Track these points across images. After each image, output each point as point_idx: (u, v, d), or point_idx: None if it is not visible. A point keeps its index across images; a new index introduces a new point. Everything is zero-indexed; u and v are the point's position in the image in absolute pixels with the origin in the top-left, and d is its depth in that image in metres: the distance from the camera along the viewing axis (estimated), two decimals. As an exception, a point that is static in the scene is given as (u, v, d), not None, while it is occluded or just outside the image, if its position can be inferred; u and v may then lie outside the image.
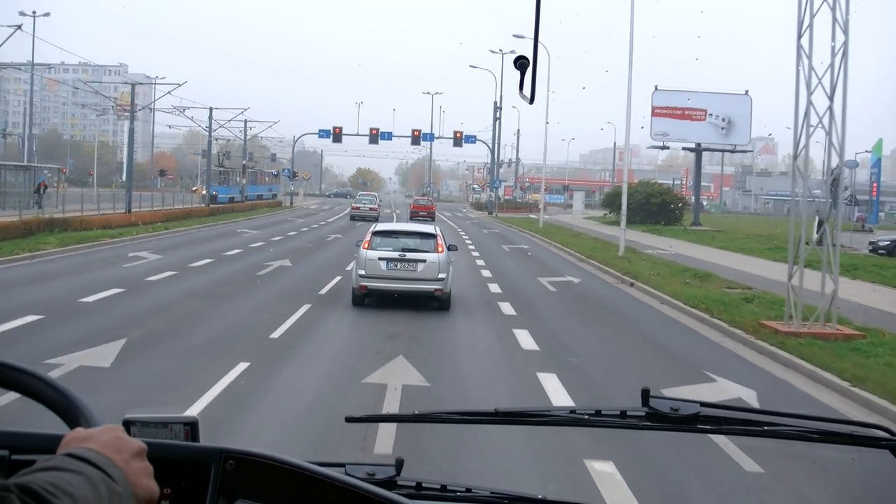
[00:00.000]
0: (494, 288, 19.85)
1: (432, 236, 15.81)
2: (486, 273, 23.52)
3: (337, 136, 70.05)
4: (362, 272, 15.04)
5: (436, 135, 73.09)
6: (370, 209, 51.24)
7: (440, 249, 15.39)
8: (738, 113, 54.12)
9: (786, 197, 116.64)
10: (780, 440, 1.90)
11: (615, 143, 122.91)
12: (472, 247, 33.74)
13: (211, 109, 63.63)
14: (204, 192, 56.83)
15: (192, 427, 1.62)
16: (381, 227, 16.93)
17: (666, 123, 53.45)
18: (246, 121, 75.06)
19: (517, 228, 50.80)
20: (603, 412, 1.84)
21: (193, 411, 7.38)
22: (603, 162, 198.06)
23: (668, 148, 54.07)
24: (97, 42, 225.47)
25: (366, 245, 15.45)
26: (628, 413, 1.81)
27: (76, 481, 1.05)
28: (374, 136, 70.11)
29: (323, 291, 17.54)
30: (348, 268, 19.65)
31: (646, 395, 1.79)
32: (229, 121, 65.38)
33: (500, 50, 71.90)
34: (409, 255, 15.16)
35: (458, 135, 70.12)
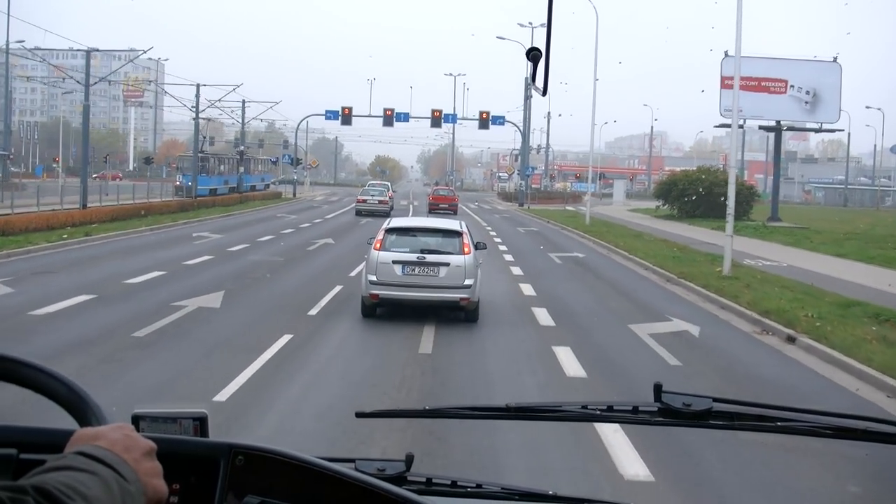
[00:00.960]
0: (566, 355, 10.82)
1: (457, 234, 13.42)
2: (541, 313, 14.26)
3: (346, 117, 60.69)
4: (373, 277, 12.82)
5: (459, 116, 63.51)
6: (380, 202, 41.93)
7: (467, 250, 13.07)
8: (826, 84, 43.91)
9: (837, 186, 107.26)
10: (793, 436, 1.83)
11: (651, 129, 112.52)
12: (509, 258, 24.28)
13: (198, 86, 54.62)
14: (178, 182, 47.79)
15: (201, 422, 1.59)
16: (396, 222, 14.40)
17: (739, 97, 43.48)
18: (244, 101, 66.01)
19: (558, 225, 41.42)
20: (615, 407, 1.81)
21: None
22: (629, 149, 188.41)
23: (741, 127, 44.25)
24: (106, 32, 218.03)
25: (378, 245, 13.14)
26: (640, 408, 1.77)
27: (89, 481, 1.05)
28: (389, 118, 60.69)
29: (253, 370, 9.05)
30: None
31: (658, 390, 1.74)
32: (219, 99, 56.41)
33: (530, 23, 62.68)
34: (430, 258, 12.91)
35: (485, 116, 60.59)
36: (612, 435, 6.96)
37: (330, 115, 61.15)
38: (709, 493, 6.37)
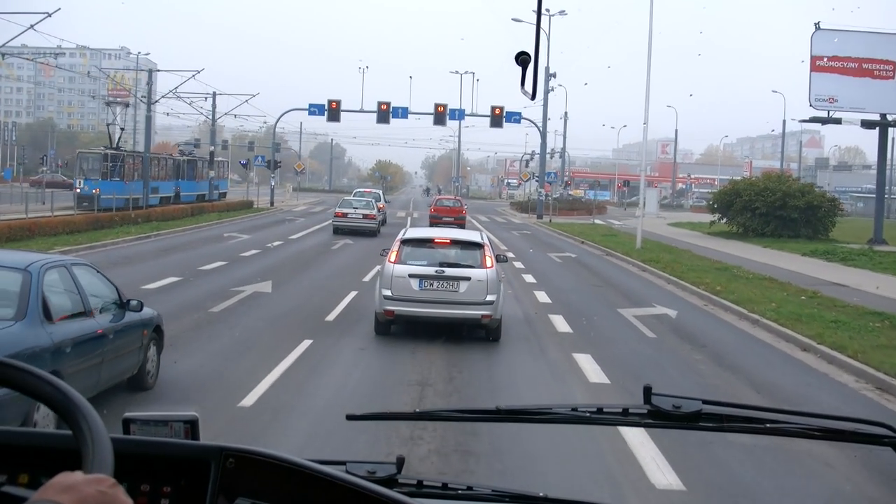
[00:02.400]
0: None
1: (478, 246, 12.24)
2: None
3: (333, 112, 50.53)
4: (388, 293, 11.68)
5: (466, 112, 53.19)
6: (364, 217, 31.48)
7: (489, 263, 11.94)
8: (940, 68, 33.73)
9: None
10: (783, 437, 1.84)
11: (676, 131, 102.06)
12: (559, 321, 14.03)
13: (151, 72, 44.68)
14: (79, 189, 37.15)
15: (192, 425, 1.59)
16: (412, 233, 13.10)
17: (833, 83, 33.12)
18: (214, 94, 56.08)
19: (598, 247, 31.23)
20: (605, 409, 1.80)
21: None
22: (638, 156, 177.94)
23: (837, 122, 33.91)
24: (101, 30, 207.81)
25: (393, 258, 11.97)
26: (630, 410, 1.76)
27: None
28: (385, 114, 50.54)
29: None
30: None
31: (647, 392, 1.73)
32: (176, 88, 46.57)
33: (548, 11, 52.60)
34: (449, 271, 11.79)
35: (498, 111, 50.40)
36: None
37: (314, 109, 50.97)
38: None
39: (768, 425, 1.76)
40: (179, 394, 8.46)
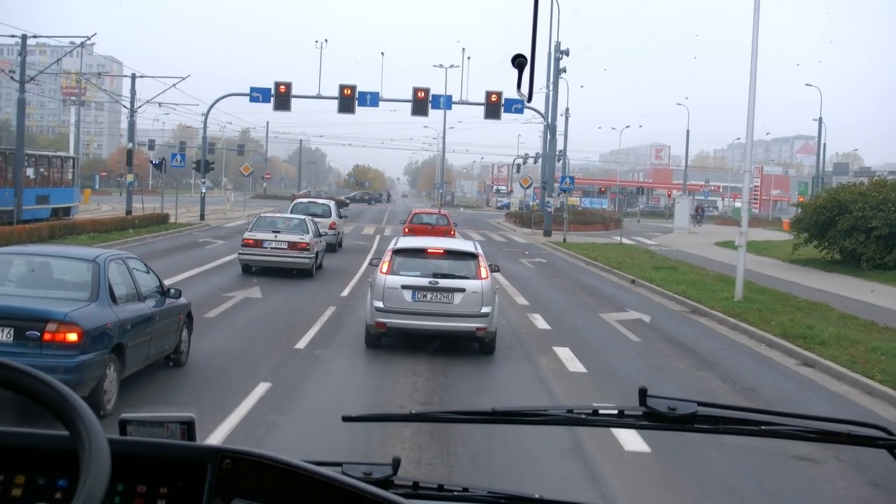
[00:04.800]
0: None
1: (472, 256, 11.84)
2: None
3: (282, 97, 38.23)
4: (380, 304, 11.16)
5: (454, 98, 40.94)
6: (291, 246, 18.76)
7: (483, 274, 11.52)
8: None
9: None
10: (778, 439, 1.82)
11: (687, 132, 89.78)
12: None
13: (24, 37, 32.31)
14: None
15: (188, 426, 1.57)
16: (404, 242, 12.54)
17: None
18: (134, 76, 43.51)
19: (666, 292, 19.24)
20: (600, 411, 1.78)
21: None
22: (626, 162, 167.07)
23: None
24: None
25: (385, 268, 11.48)
26: (626, 412, 1.74)
27: None
28: (348, 100, 38.32)
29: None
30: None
31: (643, 394, 1.70)
32: (59, 60, 34.53)
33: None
34: (443, 282, 11.32)
35: (495, 98, 38.36)
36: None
37: (257, 94, 38.68)
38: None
39: (763, 427, 1.73)
40: None
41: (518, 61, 2.59)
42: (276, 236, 18.82)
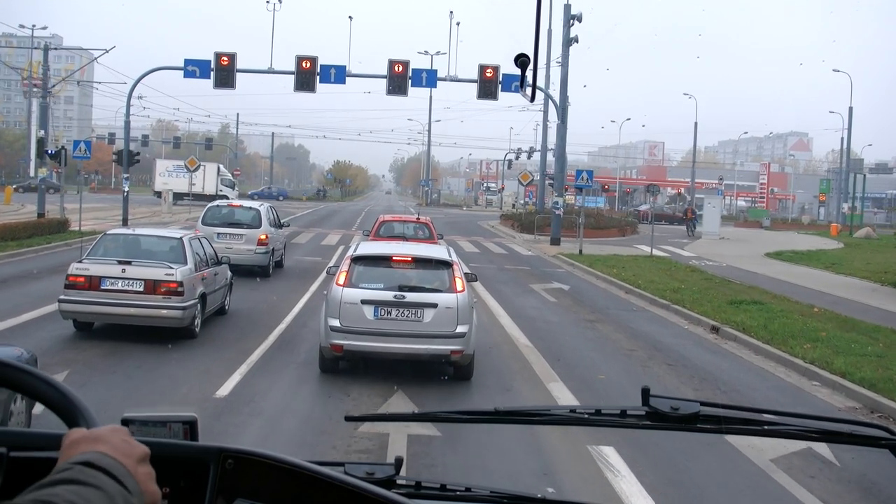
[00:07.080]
0: None
1: (446, 265, 9.78)
2: None
3: (224, 71, 29.96)
4: (335, 323, 9.24)
5: (441, 74, 32.77)
6: (156, 289, 10.55)
7: (458, 286, 9.50)
8: None
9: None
10: (780, 439, 1.75)
11: (696, 125, 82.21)
12: None
13: None
14: None
15: (190, 426, 1.55)
16: (365, 248, 10.36)
17: None
18: (46, 46, 35.15)
19: (784, 359, 11.11)
20: (603, 411, 1.75)
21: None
22: (615, 159, 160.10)
23: None
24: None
25: (342, 279, 9.50)
26: (628, 412, 1.72)
27: (95, 498, 0.99)
28: (307, 74, 30.15)
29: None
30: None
31: (646, 394, 1.68)
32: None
33: None
34: (411, 296, 9.35)
35: (490, 73, 30.30)
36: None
37: (193, 67, 30.41)
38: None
39: (766, 427, 1.72)
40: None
41: (521, 61, 2.55)
42: (122, 273, 10.60)
